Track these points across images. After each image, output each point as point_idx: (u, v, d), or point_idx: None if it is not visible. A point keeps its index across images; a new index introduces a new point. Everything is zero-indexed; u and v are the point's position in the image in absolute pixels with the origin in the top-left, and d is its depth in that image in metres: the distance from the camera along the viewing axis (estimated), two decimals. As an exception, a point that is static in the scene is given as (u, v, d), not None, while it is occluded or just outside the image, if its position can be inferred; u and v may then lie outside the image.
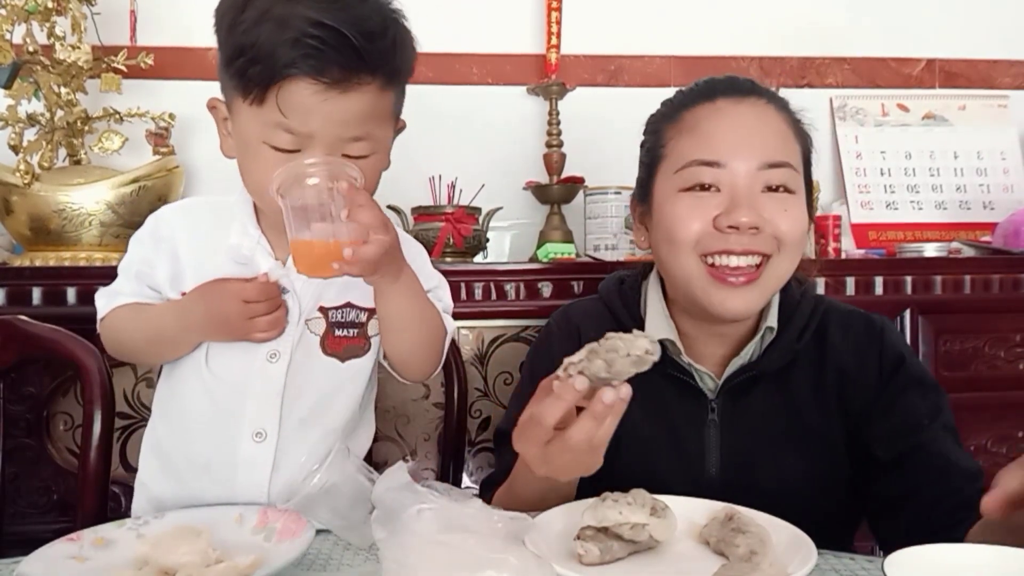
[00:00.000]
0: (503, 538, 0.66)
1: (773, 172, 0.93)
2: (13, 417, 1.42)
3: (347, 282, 0.94)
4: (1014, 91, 2.19)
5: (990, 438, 1.71)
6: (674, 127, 0.98)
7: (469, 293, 1.59)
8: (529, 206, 1.95)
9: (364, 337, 1.00)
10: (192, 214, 1.03)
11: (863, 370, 0.97)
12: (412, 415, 1.60)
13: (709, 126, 0.95)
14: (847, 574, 0.71)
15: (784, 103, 0.99)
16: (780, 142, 0.95)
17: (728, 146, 0.93)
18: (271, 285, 0.93)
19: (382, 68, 0.88)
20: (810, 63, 2.14)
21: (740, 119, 0.95)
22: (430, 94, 2.00)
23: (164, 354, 1.00)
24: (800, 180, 0.96)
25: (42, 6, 1.57)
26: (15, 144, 1.56)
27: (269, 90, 0.83)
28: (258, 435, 0.95)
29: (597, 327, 1.00)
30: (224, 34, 0.87)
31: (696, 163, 0.94)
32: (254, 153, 0.88)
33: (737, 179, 0.92)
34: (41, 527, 1.45)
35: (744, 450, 0.96)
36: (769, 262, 0.93)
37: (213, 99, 0.94)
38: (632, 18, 2.08)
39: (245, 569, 0.71)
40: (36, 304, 1.46)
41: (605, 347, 0.71)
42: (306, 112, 0.84)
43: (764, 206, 0.92)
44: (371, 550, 0.79)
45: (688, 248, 0.94)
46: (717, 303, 0.93)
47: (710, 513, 0.77)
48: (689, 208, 0.94)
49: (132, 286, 0.99)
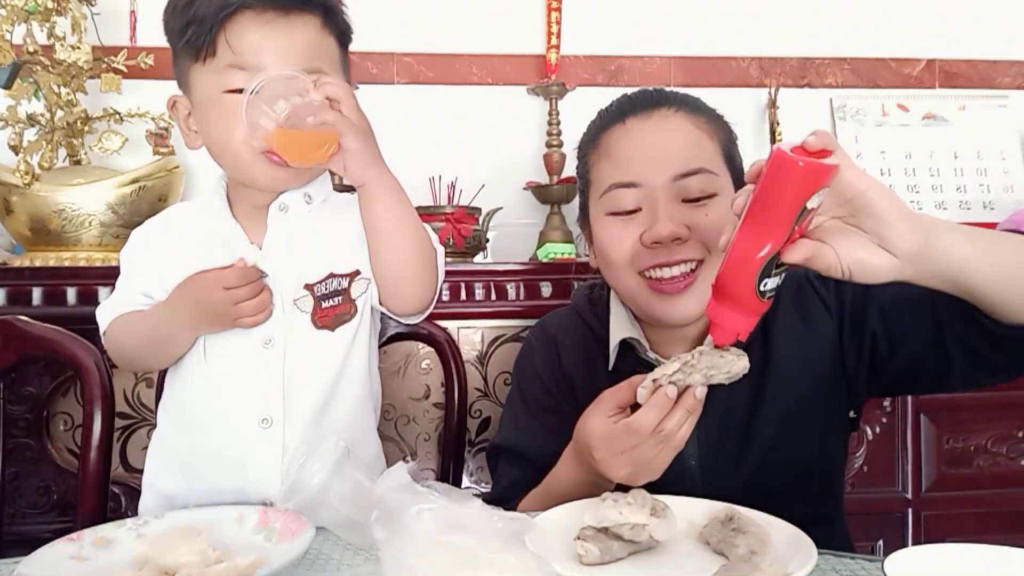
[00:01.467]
0: (503, 538, 0.66)
1: (687, 181, 0.95)
2: (13, 417, 1.42)
3: (326, 253, 0.99)
4: (1014, 91, 2.19)
5: (990, 438, 1.71)
6: (595, 152, 1.03)
7: (469, 293, 1.59)
8: (529, 206, 1.95)
9: (348, 301, 1.00)
10: (171, 219, 1.08)
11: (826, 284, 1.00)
12: (412, 415, 1.60)
13: (620, 149, 0.99)
14: (847, 574, 0.71)
15: (695, 104, 1.01)
16: (691, 149, 0.97)
17: (640, 165, 0.97)
18: (250, 269, 0.94)
19: (317, 2, 0.94)
20: (810, 63, 2.14)
21: (649, 136, 0.98)
22: (430, 94, 2.01)
23: (164, 355, 1.01)
24: (721, 180, 0.97)
25: (42, 6, 1.58)
26: (15, 144, 1.56)
27: (217, 36, 0.90)
28: (264, 422, 0.96)
29: (571, 335, 1.11)
30: (170, 20, 0.95)
31: (615, 186, 0.98)
32: (217, 109, 0.93)
33: (653, 195, 0.96)
34: (41, 527, 1.45)
35: (720, 437, 0.97)
36: (704, 264, 0.95)
37: (172, 96, 1.00)
38: (632, 18, 2.08)
39: (245, 569, 0.71)
40: (36, 304, 1.46)
41: (704, 363, 0.76)
42: (255, 46, 0.90)
43: (684, 215, 0.95)
44: (371, 550, 0.79)
45: (624, 267, 0.98)
46: (661, 312, 0.97)
47: (710, 513, 0.77)
48: (617, 230, 0.98)
49: (126, 296, 1.02)
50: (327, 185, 1.05)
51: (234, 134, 0.92)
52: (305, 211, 1.00)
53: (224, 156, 0.96)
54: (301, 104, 0.86)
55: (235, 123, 0.89)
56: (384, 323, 1.28)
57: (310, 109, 0.86)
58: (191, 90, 0.96)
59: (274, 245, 0.98)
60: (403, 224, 0.94)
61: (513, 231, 1.99)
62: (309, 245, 0.99)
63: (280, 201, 0.99)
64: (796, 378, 0.98)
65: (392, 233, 0.95)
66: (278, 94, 0.87)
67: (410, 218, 0.95)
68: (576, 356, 1.08)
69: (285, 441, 0.96)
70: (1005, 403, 1.72)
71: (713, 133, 1.00)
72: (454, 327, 1.57)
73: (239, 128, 0.89)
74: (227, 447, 0.97)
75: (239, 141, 0.92)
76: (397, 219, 0.94)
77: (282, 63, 0.89)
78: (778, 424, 0.97)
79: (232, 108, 0.90)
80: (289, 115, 0.86)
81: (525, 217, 1.97)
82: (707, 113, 1.01)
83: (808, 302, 1.00)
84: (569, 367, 1.08)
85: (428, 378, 1.60)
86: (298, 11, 0.92)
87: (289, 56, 0.90)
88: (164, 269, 0.99)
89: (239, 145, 0.92)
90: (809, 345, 0.99)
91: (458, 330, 1.59)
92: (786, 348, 0.98)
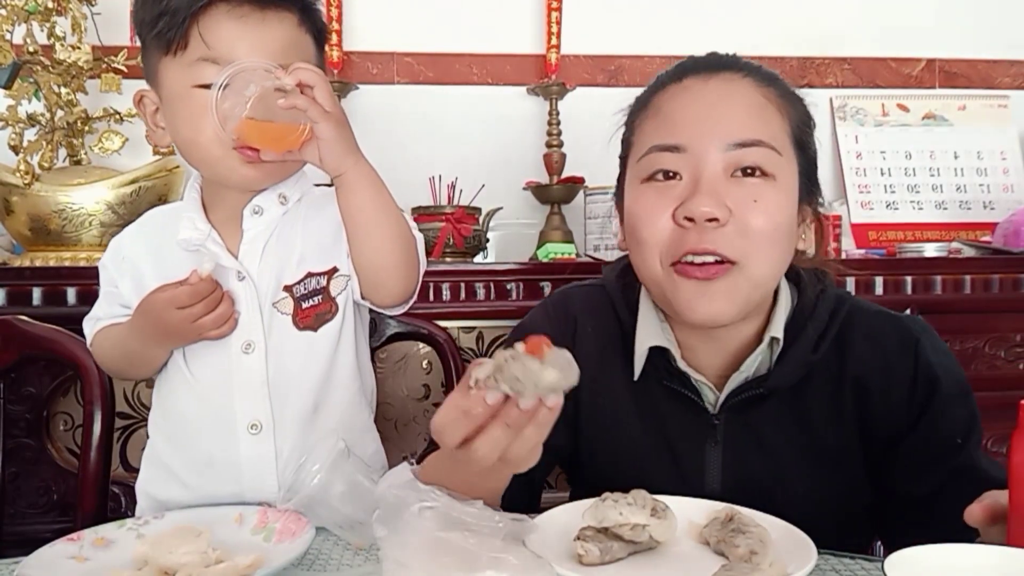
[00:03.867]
0: (503, 538, 0.66)
1: (742, 153, 0.80)
2: (13, 417, 1.42)
3: (304, 254, 0.98)
4: (1014, 91, 2.19)
5: (990, 438, 1.70)
6: (643, 113, 0.89)
7: (469, 293, 1.59)
8: (529, 206, 1.95)
9: (329, 300, 0.98)
10: (147, 225, 1.06)
11: (891, 390, 0.85)
12: (412, 415, 1.60)
13: (671, 107, 0.85)
14: (847, 574, 0.71)
15: (769, 75, 0.87)
16: (753, 118, 0.82)
17: (689, 127, 0.82)
18: (203, 284, 0.90)
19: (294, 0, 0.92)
20: (810, 63, 2.14)
21: (706, 97, 0.84)
22: (430, 94, 2.01)
23: (144, 368, 1.01)
24: (784, 162, 0.83)
25: (42, 6, 1.58)
26: (15, 144, 1.56)
27: (190, 28, 0.88)
28: (253, 427, 0.95)
29: (596, 323, 0.94)
30: (140, 10, 0.92)
31: (656, 149, 0.83)
32: (186, 104, 0.90)
33: (699, 162, 0.81)
34: (41, 527, 1.45)
35: (749, 471, 0.86)
36: (736, 270, 0.80)
37: (139, 91, 0.97)
38: (632, 18, 2.08)
39: (245, 569, 0.71)
40: (36, 304, 1.46)
41: (508, 374, 0.61)
42: (228, 40, 0.88)
43: (729, 194, 0.80)
44: (371, 550, 0.79)
45: (653, 249, 0.83)
46: (684, 303, 0.82)
47: (710, 513, 0.77)
48: (651, 202, 0.83)
49: (106, 308, 1.02)
50: (304, 183, 1.03)
51: (203, 130, 0.89)
52: (280, 212, 0.99)
53: (193, 153, 0.93)
54: (271, 88, 0.83)
55: (205, 119, 0.86)
56: (383, 323, 1.28)
57: (280, 94, 0.82)
58: (160, 84, 0.93)
59: (250, 249, 0.97)
60: (382, 214, 0.91)
61: (513, 231, 1.99)
62: (286, 246, 0.98)
63: (253, 204, 0.98)
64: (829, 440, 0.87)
65: (371, 224, 0.91)
66: (249, 83, 0.84)
67: (389, 208, 0.92)
68: (594, 347, 0.93)
69: (277, 445, 0.96)
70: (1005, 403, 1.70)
71: (785, 110, 0.85)
72: (454, 327, 1.57)
73: (209, 124, 0.86)
74: (219, 456, 0.96)
75: (209, 137, 0.89)
76: (376, 209, 0.90)
77: (256, 57, 0.87)
78: (816, 480, 0.87)
79: (202, 103, 0.86)
80: (259, 97, 0.83)
81: (525, 217, 1.97)
82: (782, 88, 0.87)
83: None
84: (582, 358, 0.74)
85: (428, 378, 1.60)
86: (275, 7, 0.90)
87: (264, 52, 0.88)
88: (140, 279, 0.99)
89: (209, 141, 0.90)
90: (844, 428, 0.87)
91: (458, 330, 1.59)
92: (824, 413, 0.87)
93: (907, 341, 0.86)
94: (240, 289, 0.96)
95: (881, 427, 0.85)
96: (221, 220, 0.99)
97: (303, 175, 1.03)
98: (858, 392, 0.86)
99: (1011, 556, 0.58)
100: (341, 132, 0.86)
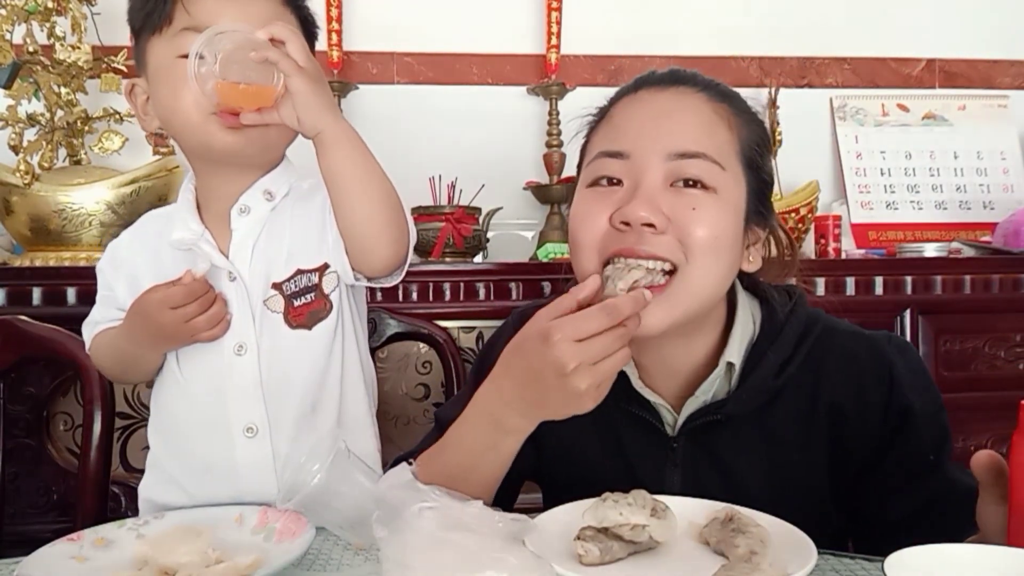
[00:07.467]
0: (503, 538, 0.66)
1: (684, 163, 0.80)
2: (13, 417, 1.42)
3: (292, 250, 0.97)
4: (1014, 91, 2.19)
5: (990, 438, 1.71)
6: (599, 123, 0.90)
7: (469, 293, 1.59)
8: (529, 206, 1.95)
9: (322, 297, 0.98)
10: (143, 228, 1.06)
11: (865, 416, 0.84)
12: (412, 415, 1.60)
13: (622, 116, 0.86)
14: (847, 574, 0.71)
15: (726, 93, 0.86)
16: (699, 130, 0.82)
17: (634, 135, 0.83)
18: (196, 284, 0.90)
19: None
20: (810, 63, 2.14)
21: (655, 107, 0.84)
22: (430, 94, 2.01)
23: (140, 372, 1.01)
24: (727, 177, 0.81)
25: (42, 6, 1.58)
26: (15, 144, 1.56)
27: (175, 5, 0.89)
28: (249, 430, 0.95)
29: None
30: (133, 4, 0.94)
31: (601, 155, 0.84)
32: (170, 75, 0.90)
33: (640, 168, 0.81)
34: (41, 527, 1.45)
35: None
36: (677, 275, 0.79)
37: (130, 81, 0.99)
38: (632, 18, 2.08)
39: (245, 569, 0.71)
40: (36, 304, 1.47)
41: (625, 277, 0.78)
42: (212, 11, 0.88)
43: (668, 201, 0.79)
44: (371, 550, 0.79)
45: (589, 251, 0.82)
46: None
47: (710, 514, 0.77)
48: (590, 205, 0.83)
49: (102, 312, 1.02)
50: (289, 175, 1.01)
51: (184, 96, 0.88)
52: (267, 209, 0.98)
53: (175, 121, 0.92)
54: (244, 40, 0.82)
55: (186, 86, 0.85)
56: (383, 323, 1.28)
57: (253, 45, 0.81)
58: (147, 65, 0.94)
59: (239, 249, 0.97)
60: (365, 174, 0.88)
61: (513, 231, 1.99)
62: (274, 244, 0.97)
63: (240, 203, 0.97)
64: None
65: (354, 184, 0.87)
66: (225, 46, 0.83)
67: (372, 168, 0.88)
68: None
69: (274, 447, 0.95)
70: (1005, 403, 1.70)
71: (736, 128, 0.84)
72: (454, 327, 1.57)
73: (188, 90, 0.85)
74: (216, 460, 0.96)
75: (188, 103, 0.89)
76: (357, 168, 0.87)
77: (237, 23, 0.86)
78: (781, 504, 0.80)
79: (184, 72, 0.84)
80: (235, 60, 0.82)
81: (525, 217, 1.97)
82: (738, 107, 0.86)
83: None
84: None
85: (428, 378, 1.60)
86: None
87: (246, 23, 0.86)
88: (136, 282, 0.98)
89: (189, 107, 0.89)
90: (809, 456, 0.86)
91: (458, 330, 1.59)
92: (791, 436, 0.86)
93: (882, 365, 0.85)
94: (231, 290, 0.96)
95: (854, 452, 0.85)
96: (212, 220, 0.99)
97: (289, 165, 1.02)
98: (833, 417, 0.85)
99: (1011, 556, 0.58)
100: (316, 87, 0.84)
